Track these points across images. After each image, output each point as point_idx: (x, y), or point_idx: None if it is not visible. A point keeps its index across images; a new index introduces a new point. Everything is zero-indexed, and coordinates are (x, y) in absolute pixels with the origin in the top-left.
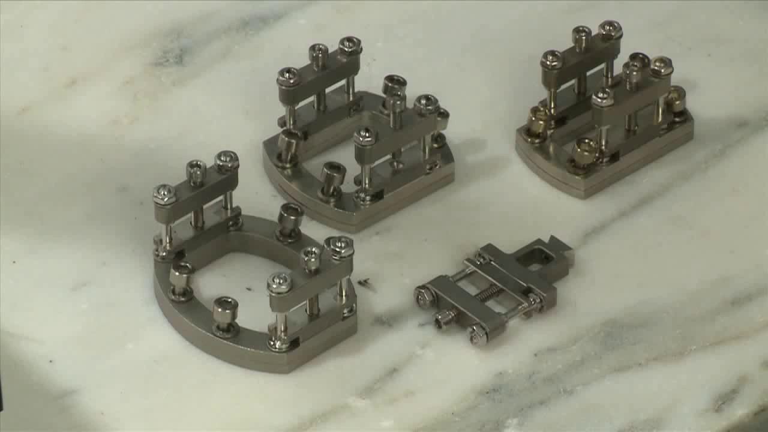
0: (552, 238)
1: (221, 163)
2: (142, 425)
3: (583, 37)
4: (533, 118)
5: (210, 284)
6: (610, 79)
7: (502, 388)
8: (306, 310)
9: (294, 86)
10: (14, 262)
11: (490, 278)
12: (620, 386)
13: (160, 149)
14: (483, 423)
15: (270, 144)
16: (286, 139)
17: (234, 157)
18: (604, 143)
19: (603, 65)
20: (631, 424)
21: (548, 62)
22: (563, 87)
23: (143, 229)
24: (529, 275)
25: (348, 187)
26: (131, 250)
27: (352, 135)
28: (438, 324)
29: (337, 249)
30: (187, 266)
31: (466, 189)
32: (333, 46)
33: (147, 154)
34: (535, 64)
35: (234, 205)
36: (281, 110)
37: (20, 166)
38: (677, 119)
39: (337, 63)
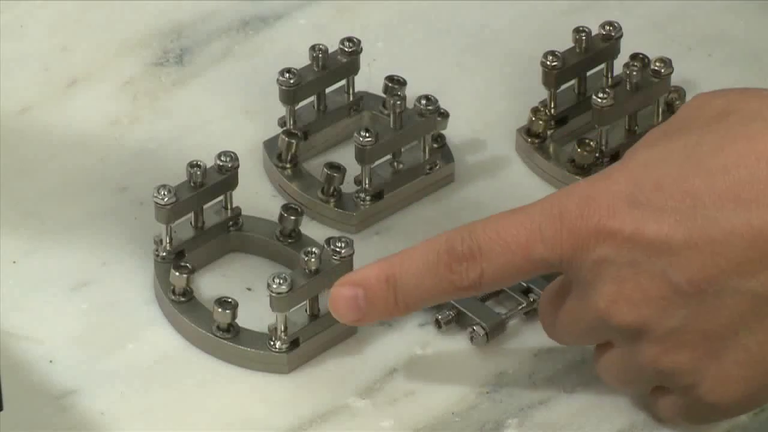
0: None
1: (221, 164)
2: (142, 425)
3: (583, 37)
4: (533, 118)
5: (210, 284)
6: (610, 79)
7: (502, 388)
8: (306, 310)
9: (294, 86)
10: (14, 262)
11: None
12: None
13: (160, 149)
14: (483, 423)
15: (270, 144)
16: (286, 139)
17: (234, 157)
18: (604, 143)
19: (603, 65)
20: (631, 424)
21: (548, 62)
22: (563, 87)
23: (143, 229)
24: None
25: (348, 187)
26: (131, 250)
27: (352, 135)
28: (438, 324)
29: (337, 249)
30: (187, 266)
31: (466, 189)
32: (333, 46)
33: (147, 154)
34: (535, 64)
35: (234, 205)
36: (281, 110)
37: (20, 166)
38: None
39: (337, 63)
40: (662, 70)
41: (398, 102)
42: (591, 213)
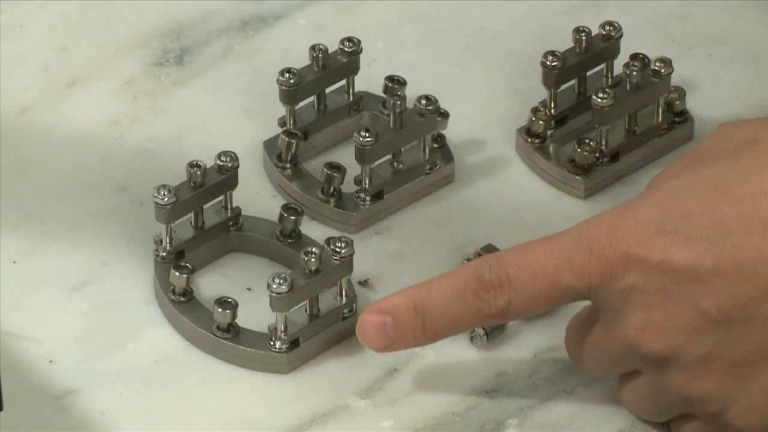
0: None
1: (221, 163)
2: (142, 425)
3: (583, 37)
4: (533, 118)
5: (210, 284)
6: (610, 79)
7: (502, 388)
8: (306, 310)
9: (294, 86)
10: (14, 262)
11: None
12: None
13: (160, 149)
14: (483, 423)
15: (270, 144)
16: (286, 139)
17: (234, 157)
18: (604, 143)
19: (603, 65)
20: (631, 424)
21: (548, 62)
22: (563, 87)
23: (143, 229)
24: None
25: (348, 187)
26: (131, 250)
27: (352, 135)
28: None
29: (337, 249)
30: (187, 266)
31: (466, 189)
32: (333, 46)
33: (147, 154)
34: (535, 64)
35: (234, 205)
36: (281, 110)
37: (20, 166)
38: (677, 119)
39: (337, 63)
40: (662, 70)
41: (398, 102)
42: (619, 241)
